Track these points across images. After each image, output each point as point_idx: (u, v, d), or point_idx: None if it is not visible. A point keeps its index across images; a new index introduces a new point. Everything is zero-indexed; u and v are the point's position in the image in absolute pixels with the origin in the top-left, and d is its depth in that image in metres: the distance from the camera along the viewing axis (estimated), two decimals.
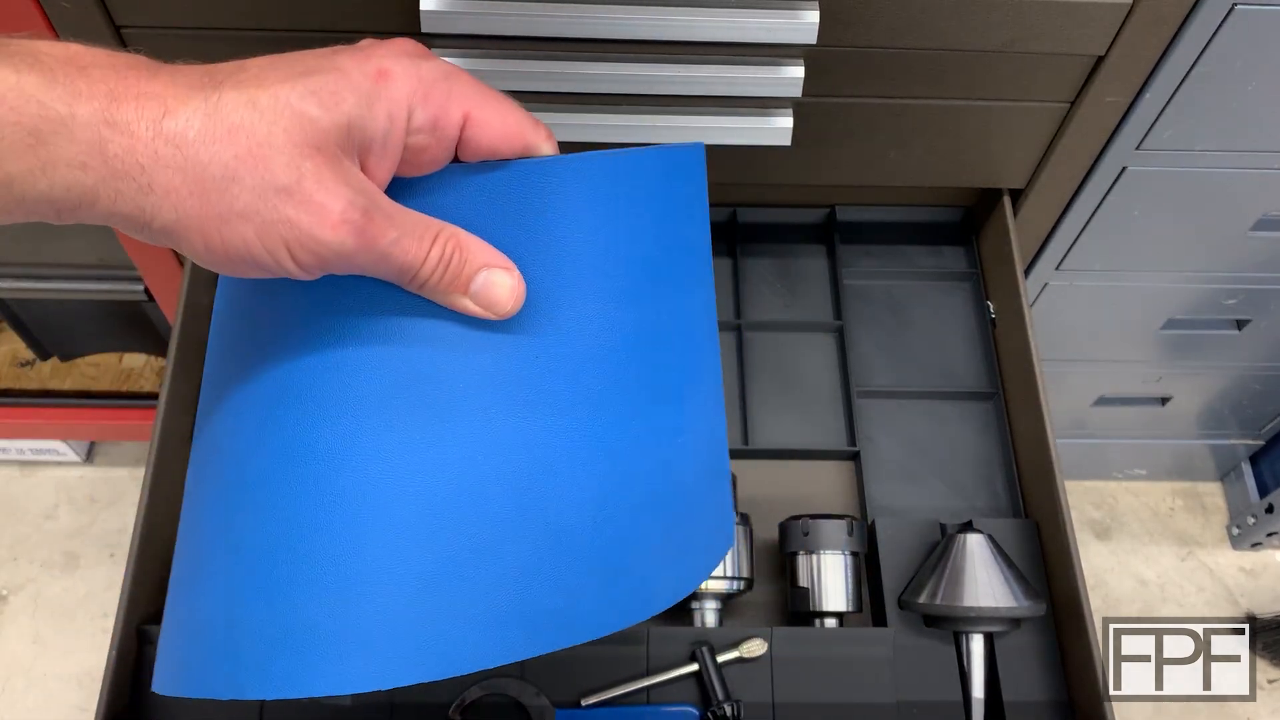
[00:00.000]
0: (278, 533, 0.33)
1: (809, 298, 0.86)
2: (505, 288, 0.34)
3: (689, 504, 0.39)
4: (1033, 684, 0.66)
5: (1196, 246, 0.91)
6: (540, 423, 0.35)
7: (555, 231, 0.36)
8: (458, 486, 0.34)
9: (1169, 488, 1.49)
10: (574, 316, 0.36)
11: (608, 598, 0.35)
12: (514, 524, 0.34)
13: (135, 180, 0.29)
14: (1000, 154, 0.75)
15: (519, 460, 0.34)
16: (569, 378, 0.36)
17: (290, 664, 0.32)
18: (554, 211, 0.36)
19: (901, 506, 0.76)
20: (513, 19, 0.60)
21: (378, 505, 0.33)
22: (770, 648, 0.65)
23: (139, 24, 0.62)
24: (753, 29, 0.60)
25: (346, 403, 0.34)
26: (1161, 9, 0.62)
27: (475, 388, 0.34)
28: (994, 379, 0.81)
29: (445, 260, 0.33)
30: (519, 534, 0.34)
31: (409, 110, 0.33)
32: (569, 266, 0.36)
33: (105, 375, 1.27)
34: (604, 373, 0.37)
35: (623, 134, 0.68)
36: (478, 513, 0.34)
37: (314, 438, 0.34)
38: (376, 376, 0.34)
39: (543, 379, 0.35)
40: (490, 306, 0.34)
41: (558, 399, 0.35)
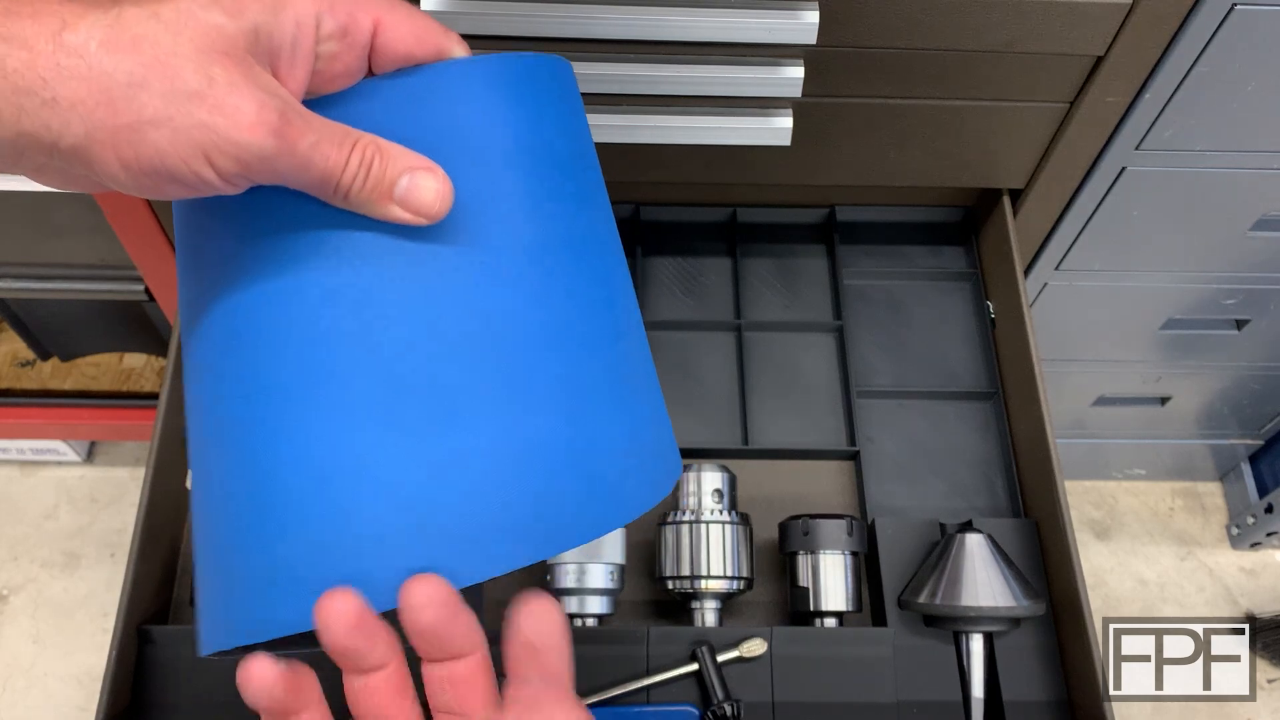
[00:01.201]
0: (250, 476, 0.33)
1: (809, 298, 0.86)
2: (431, 189, 0.33)
3: (644, 410, 0.39)
4: (1032, 684, 0.66)
5: (1196, 246, 0.91)
6: (503, 332, 0.35)
7: (477, 133, 0.36)
8: (422, 411, 0.33)
9: (1169, 487, 1.49)
10: (509, 219, 0.36)
11: (584, 503, 0.35)
12: (484, 432, 0.34)
13: (38, 94, 0.28)
14: (1000, 154, 0.75)
15: (483, 374, 0.34)
16: (514, 282, 0.35)
17: (278, 600, 0.32)
18: (474, 113, 0.36)
19: (901, 506, 0.76)
20: (513, 19, 0.60)
21: (342, 436, 0.33)
22: (770, 647, 0.65)
23: None
24: (752, 29, 0.61)
25: (292, 337, 0.33)
26: (1161, 9, 0.62)
27: (421, 301, 0.34)
28: (994, 379, 0.81)
29: (366, 165, 0.32)
30: (489, 442, 0.34)
31: (316, 17, 0.32)
32: (498, 168, 0.36)
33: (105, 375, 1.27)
34: (548, 272, 0.36)
35: (623, 134, 0.68)
36: (447, 425, 0.33)
37: (267, 375, 0.33)
38: (318, 303, 0.33)
39: (488, 283, 0.35)
40: (418, 210, 0.33)
41: (509, 303, 0.35)
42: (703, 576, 0.66)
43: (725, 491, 0.69)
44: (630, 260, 0.85)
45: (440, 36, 0.36)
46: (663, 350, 0.82)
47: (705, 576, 0.66)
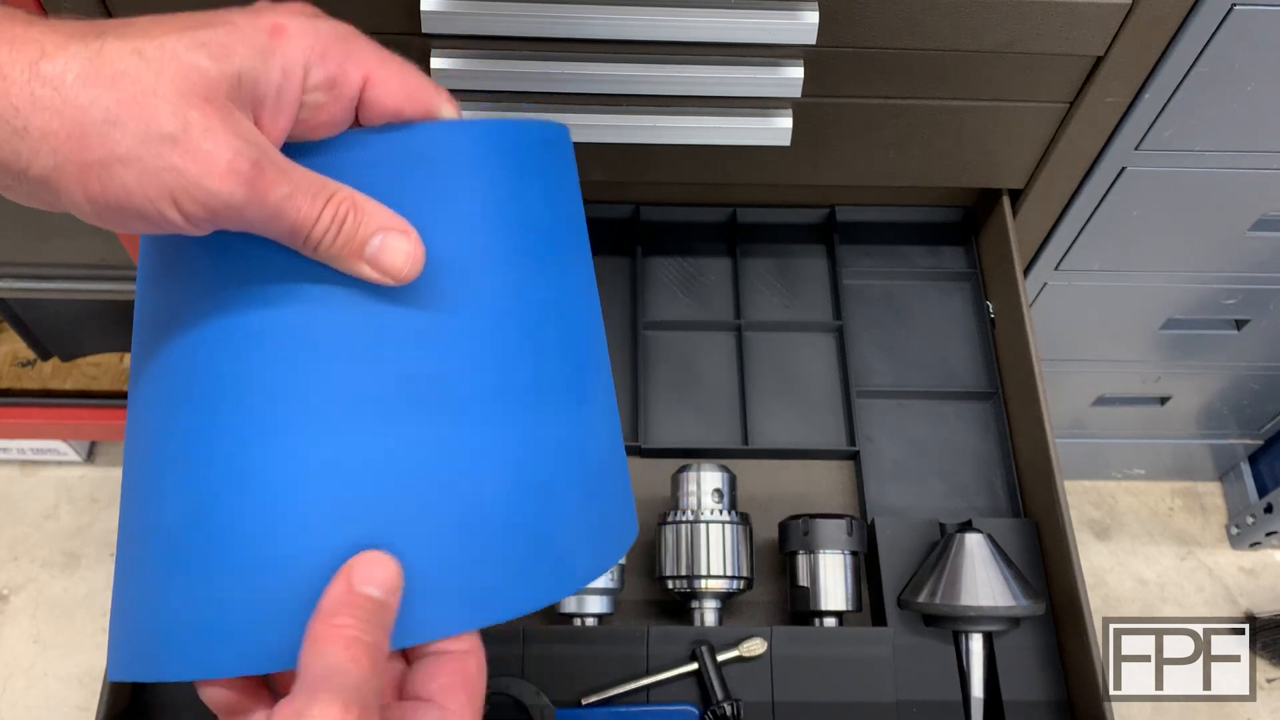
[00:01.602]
0: (189, 513, 0.33)
1: (809, 298, 0.86)
2: (402, 252, 0.32)
3: (600, 479, 0.39)
4: (1032, 683, 0.66)
5: (1195, 246, 0.91)
6: (454, 394, 0.34)
7: (461, 196, 0.35)
8: (367, 465, 0.33)
9: (1168, 487, 1.49)
10: (485, 285, 0.35)
11: (528, 575, 0.35)
12: (431, 501, 0.33)
13: (10, 122, 0.28)
14: (1000, 154, 0.75)
15: (432, 434, 0.34)
16: (481, 348, 0.35)
17: (202, 643, 0.32)
18: (458, 176, 0.35)
19: (901, 506, 0.77)
20: (513, 19, 0.60)
21: (284, 486, 0.32)
22: (770, 647, 0.65)
23: None
24: (752, 29, 0.61)
25: (249, 383, 0.33)
26: (1161, 9, 0.62)
27: (384, 362, 0.34)
28: (993, 379, 0.81)
29: (339, 220, 0.32)
30: (435, 512, 0.33)
31: (305, 66, 0.32)
32: (476, 233, 0.35)
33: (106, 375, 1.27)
34: (508, 337, 0.36)
35: (623, 134, 0.68)
36: (392, 491, 0.33)
37: (221, 418, 0.33)
38: (278, 353, 0.33)
39: (453, 351, 0.34)
40: (387, 271, 0.32)
41: (473, 370, 0.35)
42: (703, 576, 0.66)
43: (725, 491, 0.69)
44: (630, 260, 0.86)
45: (431, 95, 0.36)
46: (663, 350, 0.83)
47: (705, 576, 0.66)
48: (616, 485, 0.40)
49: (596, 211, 0.88)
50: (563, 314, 0.38)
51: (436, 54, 0.63)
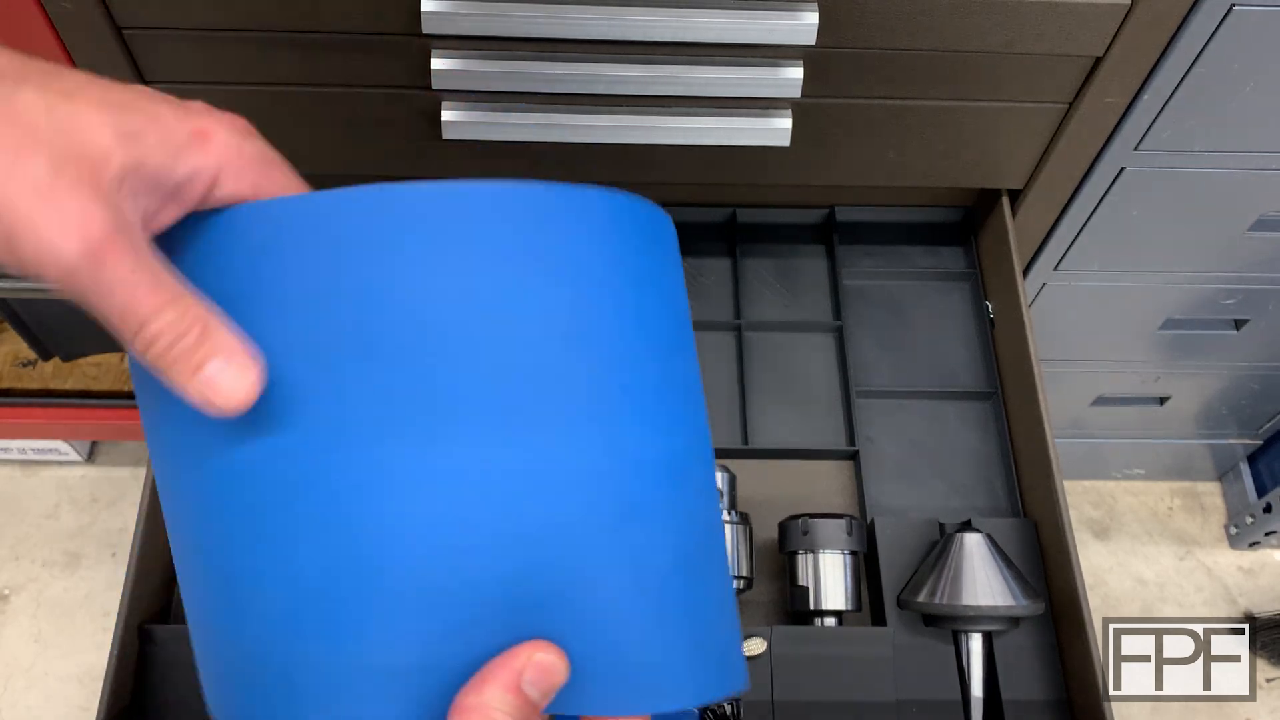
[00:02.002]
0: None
1: (808, 298, 0.86)
2: (235, 387, 0.30)
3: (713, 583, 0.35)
4: (1031, 683, 0.66)
5: (1195, 246, 0.91)
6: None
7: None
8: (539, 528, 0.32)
9: (1167, 487, 1.49)
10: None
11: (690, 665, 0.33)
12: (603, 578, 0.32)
13: None
14: (999, 154, 0.75)
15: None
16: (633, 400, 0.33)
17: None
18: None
19: (900, 506, 0.77)
20: (513, 20, 0.60)
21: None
22: (770, 646, 0.65)
23: (140, 24, 0.62)
24: (752, 30, 0.61)
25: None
26: (1160, 10, 0.62)
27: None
28: (993, 379, 0.81)
29: (178, 332, 0.30)
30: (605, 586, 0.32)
31: (216, 177, 0.31)
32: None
33: (107, 375, 1.27)
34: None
35: (623, 134, 0.68)
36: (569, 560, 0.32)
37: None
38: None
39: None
40: (209, 399, 0.30)
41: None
42: None
43: (725, 491, 0.69)
44: None
45: None
46: None
47: None
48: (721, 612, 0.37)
49: None
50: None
51: (436, 54, 0.63)
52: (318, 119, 0.69)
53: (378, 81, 0.66)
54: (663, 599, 0.33)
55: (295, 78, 0.66)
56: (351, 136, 0.71)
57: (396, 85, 0.66)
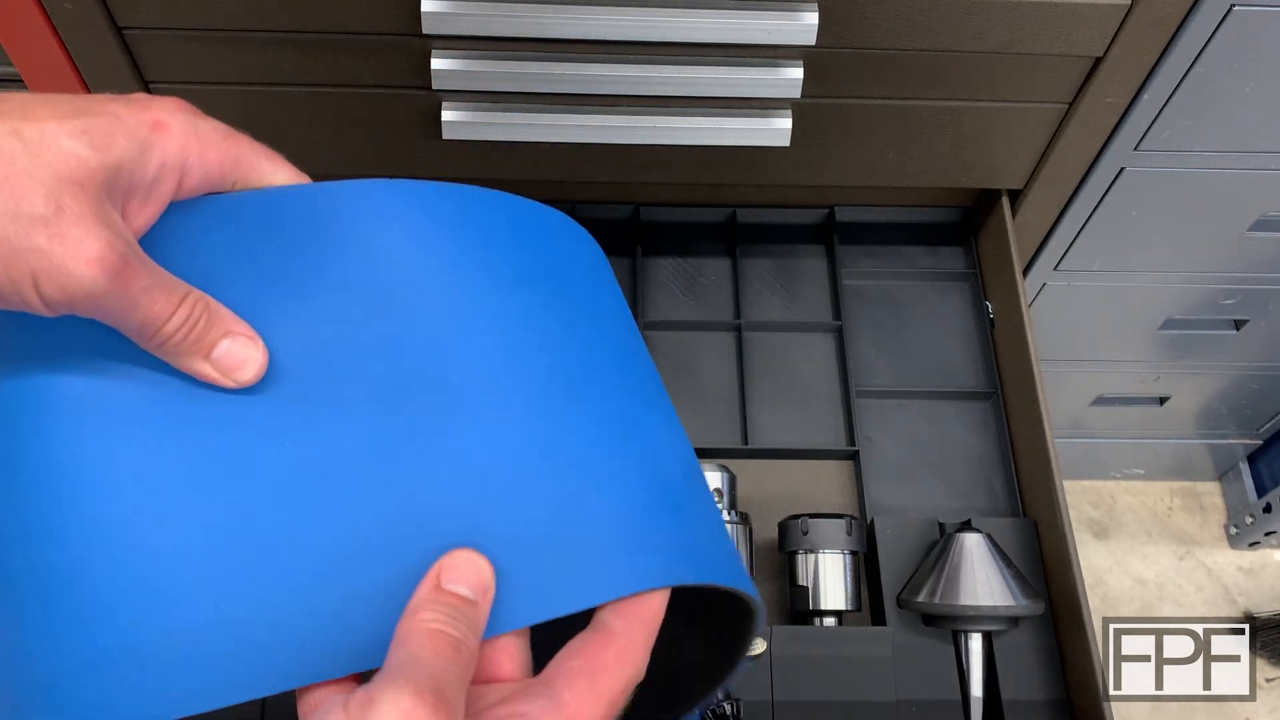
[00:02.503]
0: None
1: (808, 298, 0.86)
2: (247, 357, 0.33)
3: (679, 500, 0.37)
4: (1031, 683, 0.66)
5: (1194, 247, 0.91)
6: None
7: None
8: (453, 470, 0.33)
9: (1167, 487, 1.49)
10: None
11: (620, 559, 0.34)
12: (521, 492, 0.33)
13: None
14: (999, 155, 0.75)
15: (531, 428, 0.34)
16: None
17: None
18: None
19: (900, 506, 0.77)
20: (513, 20, 0.60)
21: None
22: (770, 646, 0.65)
23: (140, 24, 0.62)
24: (752, 30, 0.61)
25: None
26: (1160, 10, 0.62)
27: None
28: (992, 379, 0.81)
29: (193, 320, 0.32)
30: (526, 501, 0.33)
31: (183, 166, 0.32)
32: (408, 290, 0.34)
33: None
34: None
35: (623, 134, 0.68)
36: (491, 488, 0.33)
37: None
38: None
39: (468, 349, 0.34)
40: (228, 372, 0.33)
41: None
42: None
43: (725, 491, 0.69)
44: (630, 260, 0.86)
45: None
46: (663, 350, 0.83)
47: None
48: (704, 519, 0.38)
49: (596, 211, 0.88)
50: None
51: (437, 54, 0.63)
52: (318, 119, 0.69)
53: (378, 81, 0.66)
54: (587, 491, 0.34)
55: (295, 78, 0.66)
56: (351, 136, 0.71)
57: (396, 85, 0.66)
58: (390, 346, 0.34)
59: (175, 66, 0.65)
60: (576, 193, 0.87)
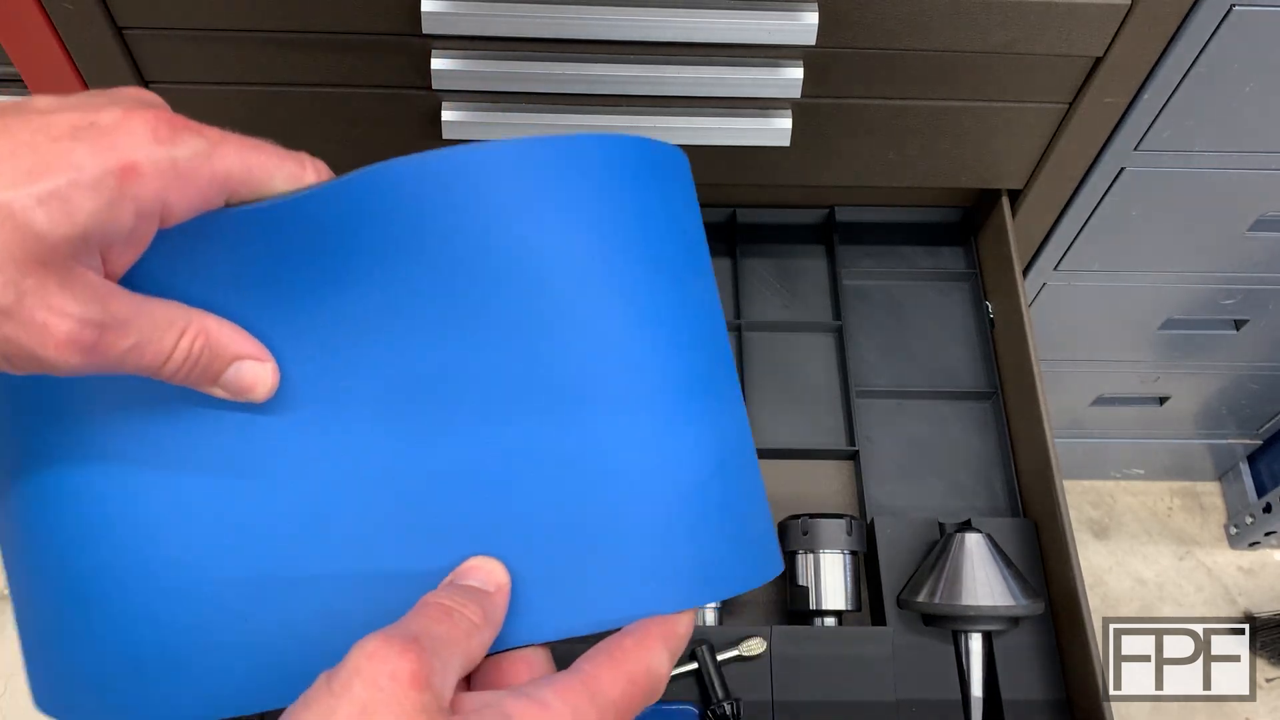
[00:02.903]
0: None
1: (808, 298, 0.86)
2: (258, 379, 0.33)
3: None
4: (1031, 683, 0.66)
5: (1194, 247, 0.91)
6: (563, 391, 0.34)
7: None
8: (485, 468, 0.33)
9: (1167, 487, 1.49)
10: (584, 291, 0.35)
11: (633, 581, 0.33)
12: (537, 505, 0.33)
13: None
14: (999, 155, 0.75)
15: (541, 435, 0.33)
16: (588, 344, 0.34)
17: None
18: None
19: (900, 506, 0.77)
20: (513, 20, 0.60)
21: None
22: (770, 646, 0.65)
23: (140, 25, 0.62)
24: (752, 30, 0.61)
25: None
26: (1160, 10, 0.62)
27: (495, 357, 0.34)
28: (992, 379, 0.81)
29: (193, 357, 0.31)
30: (541, 515, 0.33)
31: (162, 205, 0.29)
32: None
33: None
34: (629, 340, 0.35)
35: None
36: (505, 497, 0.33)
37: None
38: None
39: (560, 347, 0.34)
40: (239, 395, 0.33)
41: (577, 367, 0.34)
42: None
43: None
44: None
45: (304, 168, 0.35)
46: None
47: None
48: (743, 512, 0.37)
49: None
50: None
51: (437, 54, 0.63)
52: (318, 119, 0.69)
53: (378, 81, 0.66)
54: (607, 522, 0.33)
55: (295, 78, 0.66)
56: (351, 136, 0.71)
57: (396, 85, 0.66)
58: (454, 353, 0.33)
59: (175, 66, 0.65)
60: None
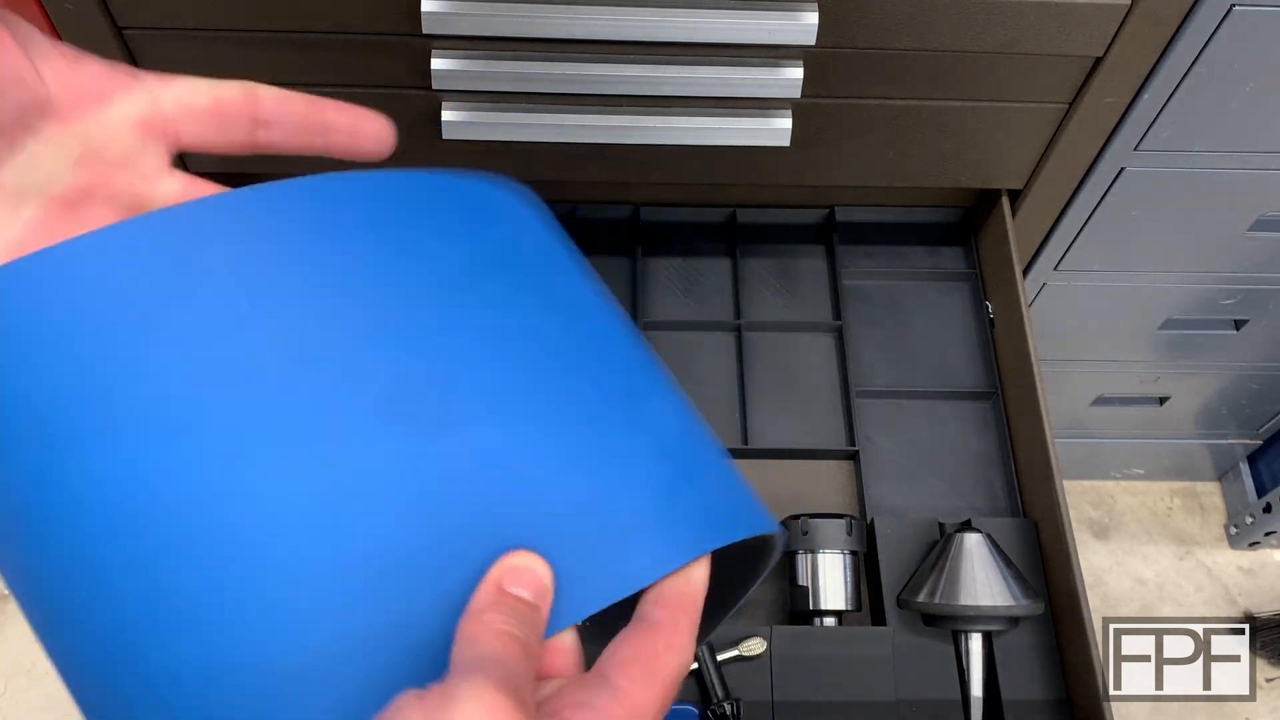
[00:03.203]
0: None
1: (808, 298, 0.86)
2: None
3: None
4: (1031, 683, 0.66)
5: (1194, 247, 0.91)
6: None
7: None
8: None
9: (1167, 487, 1.49)
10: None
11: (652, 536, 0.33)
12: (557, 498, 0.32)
13: None
14: (999, 155, 0.75)
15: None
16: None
17: None
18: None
19: (900, 506, 0.77)
20: (513, 20, 0.60)
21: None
22: (770, 646, 0.65)
23: (141, 25, 0.62)
24: (752, 30, 0.61)
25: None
26: (1159, 10, 0.62)
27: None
28: (992, 379, 0.81)
29: None
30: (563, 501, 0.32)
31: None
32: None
33: None
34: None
35: (623, 134, 0.68)
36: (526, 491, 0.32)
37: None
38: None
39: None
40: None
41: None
42: None
43: None
44: (630, 260, 0.86)
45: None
46: (663, 350, 0.83)
47: None
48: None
49: (596, 212, 0.88)
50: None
51: (437, 54, 0.63)
52: None
53: (378, 81, 0.66)
54: (639, 473, 0.33)
55: (295, 78, 0.66)
56: None
57: (396, 85, 0.66)
58: (381, 352, 0.32)
59: (175, 66, 0.65)
60: (576, 193, 0.87)
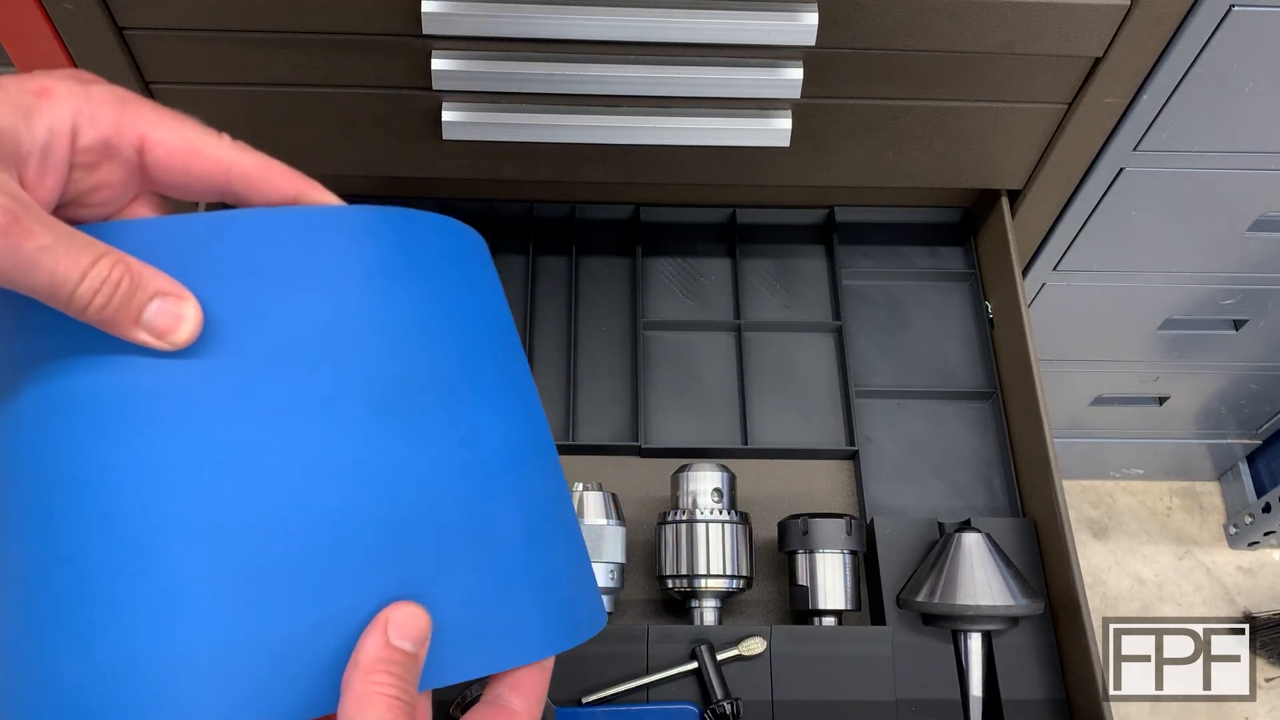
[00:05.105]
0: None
1: (808, 298, 0.86)
2: (181, 318, 0.31)
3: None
4: (1031, 682, 0.66)
5: (1194, 247, 0.91)
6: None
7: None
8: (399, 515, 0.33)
9: (1166, 487, 1.50)
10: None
11: (545, 618, 0.35)
12: (456, 546, 0.34)
13: None
14: (998, 155, 0.75)
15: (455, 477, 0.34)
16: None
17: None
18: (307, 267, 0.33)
19: (900, 505, 0.77)
20: (513, 20, 0.60)
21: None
22: (769, 646, 0.65)
23: (141, 25, 0.62)
24: (752, 31, 0.61)
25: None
26: (1159, 10, 0.62)
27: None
28: (992, 379, 0.81)
29: (112, 283, 0.30)
30: (462, 556, 0.34)
31: (74, 128, 0.31)
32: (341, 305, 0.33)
33: None
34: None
35: (623, 134, 0.68)
36: (419, 539, 0.33)
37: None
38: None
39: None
40: (163, 335, 0.31)
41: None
42: (702, 575, 0.66)
43: (725, 491, 0.69)
44: (630, 260, 0.86)
45: (214, 147, 0.34)
46: (663, 350, 0.83)
47: (705, 575, 0.66)
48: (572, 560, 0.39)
49: (596, 212, 0.88)
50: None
51: (437, 55, 0.63)
52: (317, 119, 0.69)
53: (378, 81, 0.66)
54: (512, 566, 0.35)
55: (295, 78, 0.66)
56: (351, 136, 0.71)
57: (396, 85, 0.66)
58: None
59: (175, 66, 0.65)
60: (576, 193, 0.87)
